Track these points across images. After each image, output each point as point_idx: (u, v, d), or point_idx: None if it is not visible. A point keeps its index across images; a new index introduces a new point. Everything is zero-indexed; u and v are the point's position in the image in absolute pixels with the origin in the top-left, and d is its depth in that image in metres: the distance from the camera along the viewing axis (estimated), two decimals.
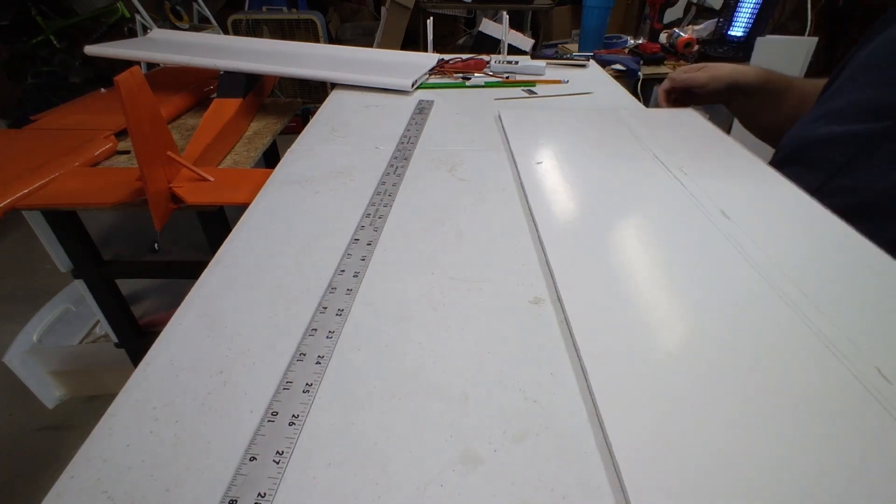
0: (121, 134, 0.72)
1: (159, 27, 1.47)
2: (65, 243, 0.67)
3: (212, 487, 0.20)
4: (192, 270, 0.70)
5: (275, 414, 0.23)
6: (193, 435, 0.23)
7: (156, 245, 0.77)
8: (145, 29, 1.92)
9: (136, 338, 0.81)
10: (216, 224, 0.62)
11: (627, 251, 0.35)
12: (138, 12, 1.90)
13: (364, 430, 0.23)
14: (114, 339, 0.82)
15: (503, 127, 0.56)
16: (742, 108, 0.63)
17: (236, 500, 0.20)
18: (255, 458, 0.21)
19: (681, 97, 0.64)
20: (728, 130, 0.62)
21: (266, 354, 0.27)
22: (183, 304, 0.31)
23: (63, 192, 0.55)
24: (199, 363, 0.26)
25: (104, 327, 0.94)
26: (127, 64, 0.54)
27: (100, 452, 0.22)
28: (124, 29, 2.29)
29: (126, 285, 0.79)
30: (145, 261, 0.74)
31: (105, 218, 0.76)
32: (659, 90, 0.64)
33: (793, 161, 0.50)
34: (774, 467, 0.20)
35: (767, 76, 0.59)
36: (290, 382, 0.25)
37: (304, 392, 0.24)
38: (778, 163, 0.53)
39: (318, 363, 0.26)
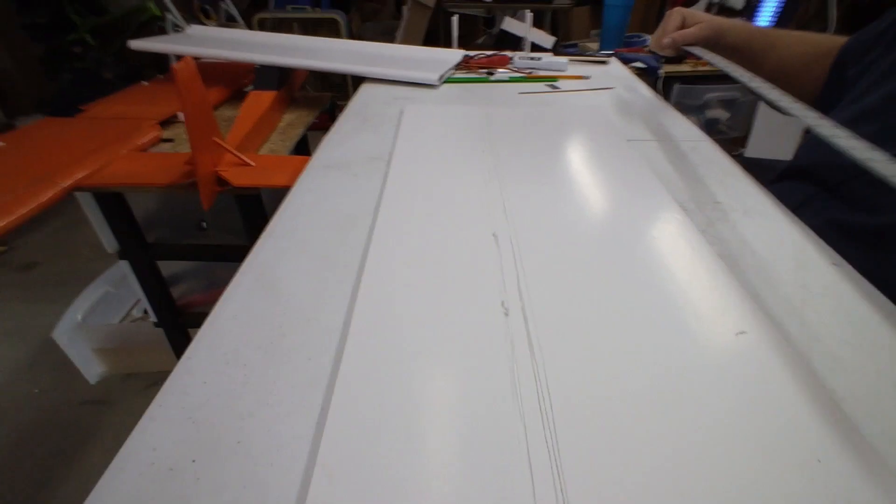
0: (164, 123, 0.77)
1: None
2: (113, 226, 0.72)
3: (279, 419, 0.24)
4: (232, 254, 0.75)
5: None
6: (260, 376, 0.26)
7: (203, 223, 0.81)
8: (175, 27, 1.98)
9: (174, 317, 0.86)
10: (253, 209, 0.66)
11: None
12: (169, 11, 1.96)
13: (395, 396, 0.26)
14: (153, 318, 0.87)
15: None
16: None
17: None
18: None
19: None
20: (750, 122, 0.62)
21: (317, 314, 0.30)
22: (240, 271, 0.34)
23: (119, 174, 0.60)
24: (260, 319, 0.30)
25: (143, 308, 0.99)
26: (153, 64, 0.58)
27: (181, 387, 0.25)
28: (155, 27, 2.37)
29: (164, 268, 0.83)
30: (187, 244, 0.78)
31: (147, 202, 0.81)
32: (661, 44, 0.61)
33: (812, 174, 0.49)
34: None
35: (750, 37, 0.58)
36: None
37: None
38: (790, 172, 0.52)
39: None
